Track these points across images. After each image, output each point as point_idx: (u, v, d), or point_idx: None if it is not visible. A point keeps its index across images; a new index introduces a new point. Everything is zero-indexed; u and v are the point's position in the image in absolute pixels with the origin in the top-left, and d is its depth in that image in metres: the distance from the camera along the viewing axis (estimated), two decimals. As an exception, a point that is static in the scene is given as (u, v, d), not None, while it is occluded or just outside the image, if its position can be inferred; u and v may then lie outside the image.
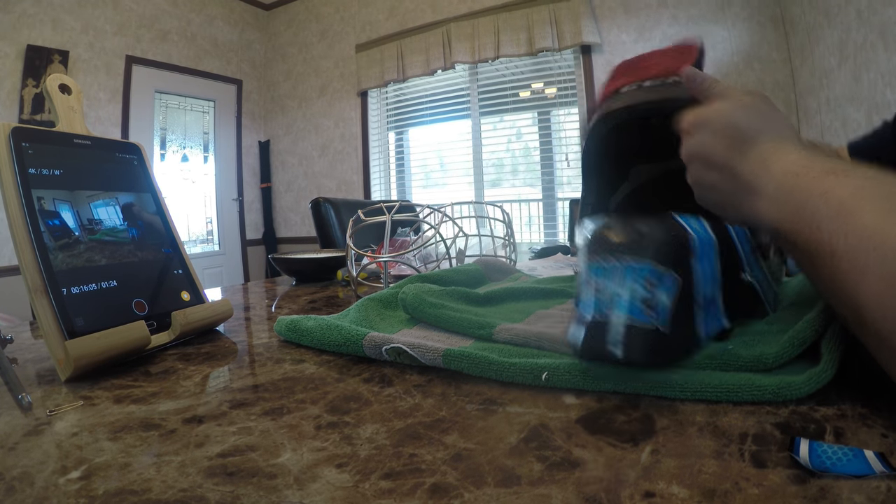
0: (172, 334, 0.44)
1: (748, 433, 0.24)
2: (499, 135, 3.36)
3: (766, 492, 0.19)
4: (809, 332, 0.29)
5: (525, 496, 0.19)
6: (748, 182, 0.30)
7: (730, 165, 0.31)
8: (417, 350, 0.35)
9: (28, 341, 0.50)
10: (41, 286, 0.37)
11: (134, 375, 0.37)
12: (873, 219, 0.22)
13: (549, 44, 2.87)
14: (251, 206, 4.17)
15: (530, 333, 0.38)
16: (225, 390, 0.33)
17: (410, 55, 3.40)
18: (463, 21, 3.19)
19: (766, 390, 0.27)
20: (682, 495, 0.19)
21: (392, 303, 0.50)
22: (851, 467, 0.20)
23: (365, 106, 3.74)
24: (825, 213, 0.24)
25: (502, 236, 0.84)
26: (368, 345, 0.38)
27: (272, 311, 0.62)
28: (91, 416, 0.29)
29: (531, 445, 0.24)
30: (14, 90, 2.77)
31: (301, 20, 4.07)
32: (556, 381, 0.31)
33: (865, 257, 0.22)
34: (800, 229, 0.26)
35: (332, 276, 0.90)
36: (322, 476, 0.22)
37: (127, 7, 3.30)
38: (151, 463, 0.23)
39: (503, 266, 0.68)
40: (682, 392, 0.28)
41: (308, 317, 0.45)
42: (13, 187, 0.38)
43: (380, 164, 3.76)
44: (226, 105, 3.98)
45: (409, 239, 0.93)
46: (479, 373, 0.33)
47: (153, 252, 0.48)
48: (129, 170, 0.50)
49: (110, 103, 3.23)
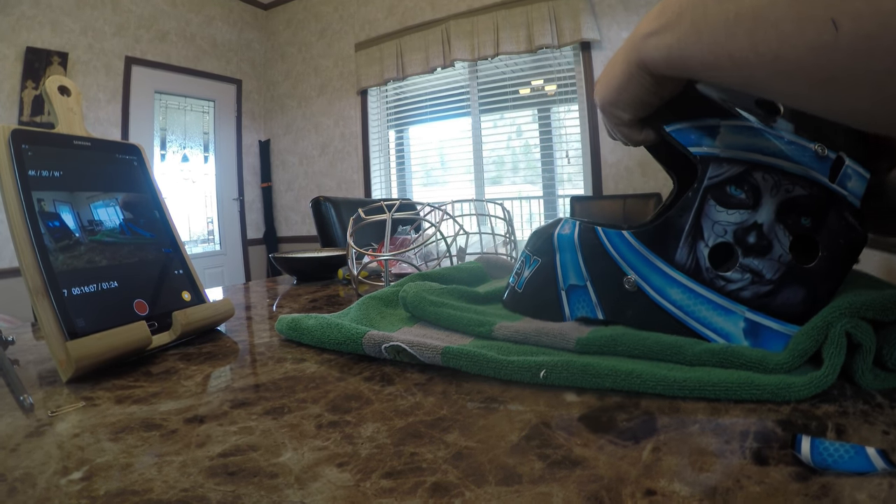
0: (173, 334, 0.44)
1: (750, 431, 0.24)
2: (499, 132, 3.36)
3: (767, 489, 0.19)
4: (811, 343, 0.29)
5: (526, 495, 0.19)
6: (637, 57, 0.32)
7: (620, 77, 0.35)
8: (416, 348, 0.35)
9: (29, 343, 0.50)
10: (42, 287, 0.37)
11: (135, 376, 0.37)
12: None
13: (549, 41, 2.87)
14: (252, 206, 4.18)
15: (529, 330, 0.38)
16: (226, 390, 0.33)
17: (410, 53, 3.40)
18: (462, 18, 3.18)
19: (764, 390, 0.27)
20: (683, 493, 0.19)
21: (393, 301, 0.51)
22: (853, 464, 0.19)
23: (365, 104, 3.73)
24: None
25: (503, 234, 0.84)
26: (368, 343, 0.38)
27: (273, 311, 0.62)
28: (92, 416, 0.29)
29: (532, 444, 0.24)
30: (13, 92, 2.78)
31: (300, 19, 4.07)
32: (554, 378, 0.31)
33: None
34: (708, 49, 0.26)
35: (333, 275, 0.90)
36: (323, 475, 0.22)
37: (126, 8, 3.30)
38: (153, 463, 0.23)
39: (505, 263, 0.68)
40: (681, 390, 0.28)
41: (309, 315, 0.45)
42: (13, 189, 0.38)
43: (380, 162, 3.76)
44: (226, 105, 3.98)
45: (409, 237, 0.93)
46: (477, 371, 0.33)
47: (154, 252, 0.48)
48: (129, 171, 0.50)
49: (110, 104, 3.23)
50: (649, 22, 0.31)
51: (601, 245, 0.39)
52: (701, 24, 0.26)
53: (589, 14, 2.81)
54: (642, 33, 0.31)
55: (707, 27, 0.25)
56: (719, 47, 0.25)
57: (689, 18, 0.27)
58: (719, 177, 0.35)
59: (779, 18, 0.21)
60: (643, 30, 0.31)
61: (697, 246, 0.35)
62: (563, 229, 0.42)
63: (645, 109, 0.36)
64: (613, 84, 0.36)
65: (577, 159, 3.07)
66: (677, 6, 0.28)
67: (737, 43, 0.23)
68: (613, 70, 0.36)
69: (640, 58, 0.32)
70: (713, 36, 0.25)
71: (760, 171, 0.34)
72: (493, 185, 3.38)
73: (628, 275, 0.37)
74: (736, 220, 0.34)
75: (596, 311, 0.39)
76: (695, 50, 0.27)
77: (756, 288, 0.34)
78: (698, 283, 0.35)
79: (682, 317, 0.35)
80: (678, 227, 0.36)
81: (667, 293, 0.36)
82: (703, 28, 0.26)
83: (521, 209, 3.29)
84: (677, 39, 0.28)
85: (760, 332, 0.33)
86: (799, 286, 0.33)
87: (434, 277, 0.55)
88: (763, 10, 0.21)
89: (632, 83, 0.34)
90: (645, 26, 0.31)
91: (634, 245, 0.37)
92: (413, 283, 0.49)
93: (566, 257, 0.41)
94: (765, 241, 0.33)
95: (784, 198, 0.33)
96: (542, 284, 0.43)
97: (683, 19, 0.27)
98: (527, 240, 0.47)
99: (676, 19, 0.28)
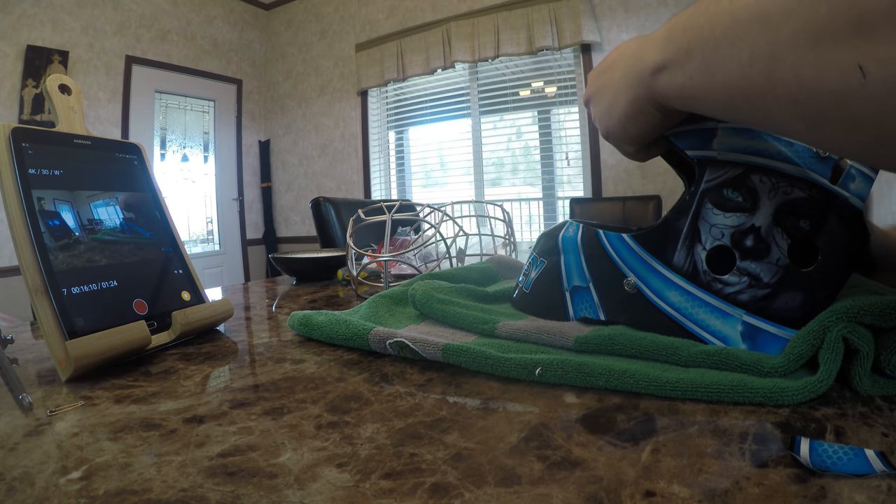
0: (173, 334, 0.44)
1: (749, 432, 0.24)
2: (499, 134, 3.36)
3: (766, 491, 0.19)
4: (807, 348, 0.29)
5: (525, 496, 0.19)
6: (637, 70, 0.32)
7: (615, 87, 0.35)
8: (419, 344, 0.36)
9: (28, 341, 0.50)
10: (41, 286, 0.37)
11: (134, 375, 0.37)
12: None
13: (549, 43, 2.87)
14: (251, 206, 4.18)
15: (531, 328, 0.38)
16: (225, 390, 0.33)
17: (410, 54, 3.40)
18: (463, 20, 3.19)
19: (758, 393, 0.27)
20: (682, 494, 0.19)
21: (402, 299, 0.52)
22: (852, 466, 0.20)
23: (365, 105, 3.74)
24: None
25: (502, 235, 0.84)
26: (374, 339, 0.39)
27: (272, 311, 0.62)
28: (91, 416, 0.29)
29: (532, 445, 0.24)
30: (14, 90, 2.78)
31: (301, 20, 4.07)
32: (549, 376, 0.31)
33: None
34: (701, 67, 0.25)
35: (333, 276, 0.90)
36: (322, 476, 0.22)
37: (126, 7, 3.30)
38: (152, 463, 0.23)
39: (517, 264, 0.68)
40: (674, 391, 0.28)
41: (320, 312, 0.46)
42: (13, 188, 0.38)
43: (380, 163, 3.76)
44: (226, 105, 3.98)
45: (409, 238, 0.93)
46: (476, 367, 0.33)
47: (153, 252, 0.48)
48: (129, 170, 0.50)
49: (110, 103, 3.23)
50: (655, 52, 0.29)
51: (602, 247, 0.39)
52: (713, 62, 0.24)
53: (589, 16, 2.81)
54: (650, 66, 0.29)
55: (720, 66, 0.24)
56: (734, 88, 0.23)
57: (700, 55, 0.25)
58: (716, 180, 0.35)
59: (798, 62, 0.19)
60: (650, 61, 0.29)
61: (695, 249, 0.35)
62: (567, 232, 0.43)
63: (652, 138, 0.36)
64: (618, 118, 0.35)
65: (576, 161, 3.07)
66: (684, 40, 0.26)
67: (753, 85, 0.22)
68: (616, 100, 0.34)
69: (650, 95, 0.31)
70: (727, 76, 0.23)
71: (758, 174, 0.34)
72: (493, 186, 3.38)
73: (628, 277, 0.37)
74: (733, 224, 0.34)
75: (598, 312, 0.39)
76: (708, 90, 0.25)
77: (754, 291, 0.34)
78: (696, 285, 0.35)
79: (681, 319, 0.35)
80: (676, 231, 0.36)
81: (665, 296, 0.36)
82: (716, 68, 0.24)
83: (521, 211, 3.29)
84: (689, 78, 0.26)
85: (758, 336, 0.33)
86: (797, 290, 0.33)
87: (445, 277, 0.56)
88: (781, 52, 0.20)
89: (640, 117, 0.33)
90: (651, 56, 0.29)
91: (634, 248, 0.37)
92: (423, 281, 0.50)
93: (570, 259, 0.42)
94: (762, 244, 0.33)
95: (782, 200, 0.33)
96: (547, 285, 0.44)
97: (693, 57, 0.26)
98: (535, 242, 0.48)
99: (686, 56, 0.26)
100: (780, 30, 0.20)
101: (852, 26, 0.17)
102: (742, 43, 0.22)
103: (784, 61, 0.20)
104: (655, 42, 0.29)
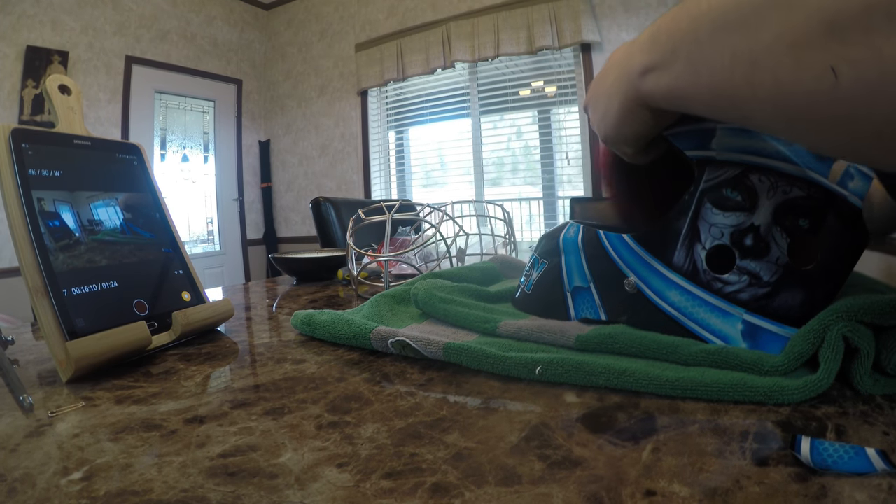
0: (173, 334, 0.44)
1: (749, 431, 0.24)
2: (499, 133, 3.36)
3: (767, 490, 0.19)
4: (807, 346, 0.29)
5: (526, 495, 0.19)
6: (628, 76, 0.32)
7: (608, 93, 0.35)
8: (420, 343, 0.36)
9: (29, 342, 0.50)
10: (42, 287, 0.37)
11: (135, 376, 0.37)
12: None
13: (549, 42, 2.87)
14: (251, 206, 4.18)
15: (532, 327, 0.38)
16: (226, 390, 0.33)
17: (410, 54, 3.40)
18: (463, 20, 3.19)
19: (757, 392, 0.27)
20: (683, 494, 0.19)
21: (405, 299, 0.52)
22: (853, 465, 0.20)
23: (365, 105, 3.73)
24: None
25: (503, 235, 0.84)
26: (376, 338, 0.39)
27: (273, 311, 0.62)
28: (92, 416, 0.29)
29: (532, 444, 0.24)
30: (14, 91, 2.78)
31: (301, 20, 4.07)
32: (549, 375, 0.31)
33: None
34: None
35: (333, 276, 0.90)
36: (323, 476, 0.22)
37: (126, 7, 3.30)
38: (153, 463, 0.23)
39: (519, 264, 0.68)
40: (674, 389, 0.28)
41: (323, 311, 0.46)
42: (13, 188, 0.38)
43: (380, 163, 3.75)
44: (226, 105, 3.98)
45: (409, 238, 0.93)
46: (476, 366, 0.33)
47: (153, 252, 0.48)
48: (129, 170, 0.50)
49: (110, 103, 3.23)
50: (642, 54, 0.30)
51: (603, 248, 0.39)
52: (697, 62, 0.25)
53: (589, 16, 2.81)
54: (637, 69, 0.30)
55: (704, 67, 0.24)
56: (718, 89, 0.24)
57: (685, 56, 0.26)
58: (715, 179, 0.35)
59: (776, 65, 0.20)
60: (637, 64, 0.30)
61: (695, 248, 0.35)
62: (568, 232, 0.44)
63: (647, 139, 0.36)
64: (612, 121, 0.35)
65: (576, 161, 3.07)
66: (669, 40, 0.27)
67: (735, 86, 0.23)
68: (610, 104, 0.35)
69: (638, 95, 0.31)
70: (711, 77, 0.24)
71: (757, 173, 0.34)
72: (493, 186, 3.38)
73: (628, 277, 0.38)
74: (732, 223, 0.34)
75: (599, 312, 0.40)
76: (694, 90, 0.26)
77: (754, 290, 0.34)
78: (696, 285, 0.35)
79: (681, 318, 0.35)
80: (675, 230, 0.36)
81: (665, 295, 0.36)
82: (701, 68, 0.25)
83: (521, 210, 3.29)
84: (675, 78, 0.27)
85: (758, 335, 0.33)
86: (797, 289, 0.33)
87: (448, 276, 0.56)
88: (759, 55, 0.21)
89: (631, 118, 0.34)
90: (638, 59, 0.30)
91: (634, 248, 0.37)
92: (425, 280, 0.50)
93: (571, 260, 0.42)
94: (762, 243, 0.33)
95: (781, 199, 0.33)
96: (549, 286, 0.44)
97: (678, 57, 0.26)
98: (536, 242, 0.49)
99: (671, 56, 0.27)
100: (759, 34, 0.20)
101: (825, 29, 0.17)
102: (723, 46, 0.22)
103: (763, 65, 0.21)
104: (642, 45, 0.30)
